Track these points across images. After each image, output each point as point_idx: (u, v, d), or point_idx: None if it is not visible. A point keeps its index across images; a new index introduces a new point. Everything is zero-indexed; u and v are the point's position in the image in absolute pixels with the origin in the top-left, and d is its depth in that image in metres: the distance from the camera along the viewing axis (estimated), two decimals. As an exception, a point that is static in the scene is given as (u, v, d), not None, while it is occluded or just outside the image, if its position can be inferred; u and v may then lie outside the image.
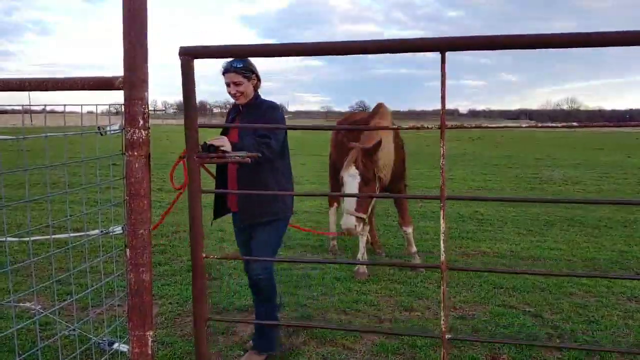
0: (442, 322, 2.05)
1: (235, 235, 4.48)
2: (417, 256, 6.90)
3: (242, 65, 4.06)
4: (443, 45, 1.87)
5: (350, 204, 5.57)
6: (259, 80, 4.22)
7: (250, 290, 4.31)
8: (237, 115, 4.26)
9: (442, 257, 2.08)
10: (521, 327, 4.74)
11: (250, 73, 4.11)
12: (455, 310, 5.19)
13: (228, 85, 4.11)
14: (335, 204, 7.59)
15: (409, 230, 6.93)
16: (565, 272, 6.18)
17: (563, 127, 2.01)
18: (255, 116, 4.15)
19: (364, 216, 5.69)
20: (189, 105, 2.21)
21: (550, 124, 2.03)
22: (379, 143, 5.66)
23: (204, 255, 2.28)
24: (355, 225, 5.52)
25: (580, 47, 1.74)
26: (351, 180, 5.66)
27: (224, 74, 4.10)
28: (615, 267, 6.65)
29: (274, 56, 2.08)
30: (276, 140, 3.97)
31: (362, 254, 6.56)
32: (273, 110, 4.16)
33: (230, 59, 4.05)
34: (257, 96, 4.23)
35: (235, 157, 2.27)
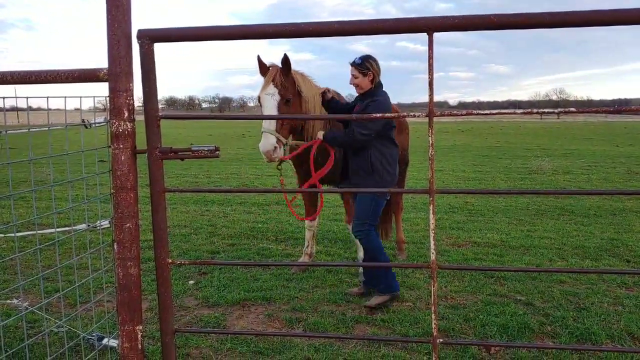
0: (433, 324, 2.01)
1: None
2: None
3: (360, 62, 4.94)
4: (430, 26, 1.78)
5: (269, 123, 5.07)
6: (376, 75, 4.96)
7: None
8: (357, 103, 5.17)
9: (432, 256, 2.04)
10: (512, 316, 4.74)
11: (367, 70, 4.93)
12: (447, 300, 5.19)
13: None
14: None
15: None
16: (554, 268, 6.21)
17: (560, 112, 1.99)
18: (362, 106, 5.00)
19: (284, 140, 5.16)
20: (149, 95, 2.11)
21: (547, 110, 1.98)
22: (286, 59, 5.16)
23: (170, 260, 2.21)
24: (275, 147, 5.00)
25: (575, 26, 1.70)
26: (269, 98, 5.13)
27: (351, 65, 5.02)
28: (605, 255, 6.67)
29: (235, 39, 1.96)
30: (364, 129, 4.78)
31: (309, 247, 6.18)
32: (373, 103, 4.88)
33: (356, 56, 4.99)
34: (373, 88, 5.00)
35: (202, 151, 2.20)
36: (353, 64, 5.00)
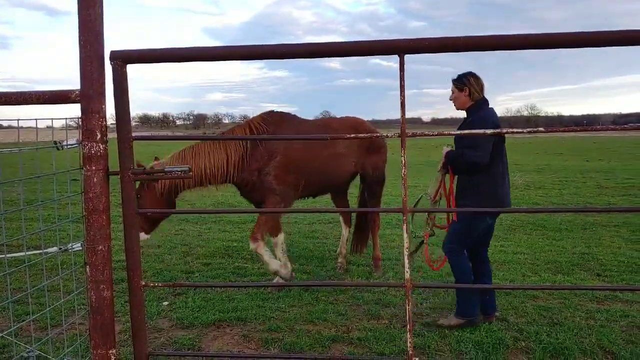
0: (408, 343, 2.01)
1: None
2: (280, 279, 6.00)
3: (457, 78, 5.01)
4: (401, 48, 1.81)
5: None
6: (473, 91, 4.91)
7: None
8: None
9: (407, 275, 2.06)
10: (487, 332, 4.78)
11: (462, 85, 4.94)
12: (423, 317, 5.21)
13: None
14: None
15: (253, 246, 5.90)
16: (527, 285, 6.27)
17: (529, 132, 2.04)
18: (465, 123, 4.99)
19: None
20: (122, 116, 2.11)
21: (513, 130, 2.04)
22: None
23: (143, 283, 2.19)
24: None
25: (544, 48, 1.75)
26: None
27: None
28: (577, 269, 6.78)
29: (206, 60, 2.00)
30: (476, 149, 4.68)
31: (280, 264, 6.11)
32: (470, 121, 4.86)
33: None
34: (473, 104, 4.94)
35: (175, 172, 2.19)
36: (452, 80, 5.06)
